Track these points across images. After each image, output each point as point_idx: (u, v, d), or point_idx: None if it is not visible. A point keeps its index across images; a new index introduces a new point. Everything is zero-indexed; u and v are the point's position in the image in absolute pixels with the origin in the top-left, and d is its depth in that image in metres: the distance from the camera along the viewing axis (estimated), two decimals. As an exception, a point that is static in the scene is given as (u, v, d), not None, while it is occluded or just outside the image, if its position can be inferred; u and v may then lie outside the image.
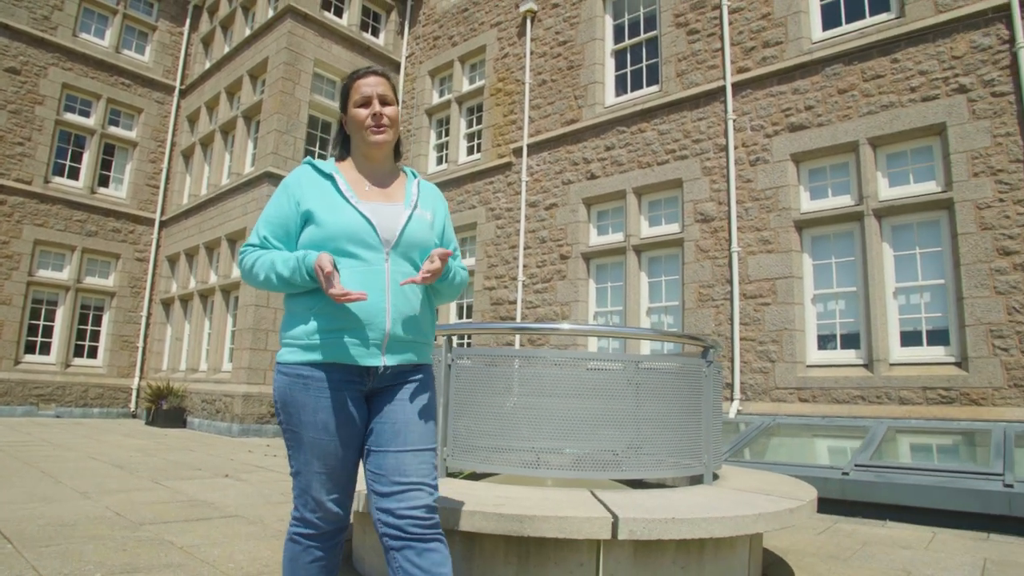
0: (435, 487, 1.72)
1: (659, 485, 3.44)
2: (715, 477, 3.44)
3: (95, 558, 3.22)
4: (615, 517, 2.36)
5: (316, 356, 1.68)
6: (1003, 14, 6.65)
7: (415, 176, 1.97)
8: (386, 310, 1.71)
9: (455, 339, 3.39)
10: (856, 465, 5.12)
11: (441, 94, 12.75)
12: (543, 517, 2.39)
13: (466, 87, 12.16)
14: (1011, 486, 4.42)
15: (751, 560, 2.92)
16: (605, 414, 2.96)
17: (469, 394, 3.15)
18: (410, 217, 1.80)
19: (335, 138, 1.98)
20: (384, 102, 1.83)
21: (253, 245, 1.79)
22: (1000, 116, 6.56)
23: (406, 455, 1.70)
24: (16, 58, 12.70)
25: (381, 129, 1.81)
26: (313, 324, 1.69)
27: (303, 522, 1.74)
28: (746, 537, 2.85)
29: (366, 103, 1.82)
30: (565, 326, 2.93)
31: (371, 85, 1.82)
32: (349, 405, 1.71)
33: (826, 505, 5.12)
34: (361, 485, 3.01)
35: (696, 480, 3.25)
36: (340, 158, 1.92)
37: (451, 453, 3.18)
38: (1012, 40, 6.54)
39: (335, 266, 1.63)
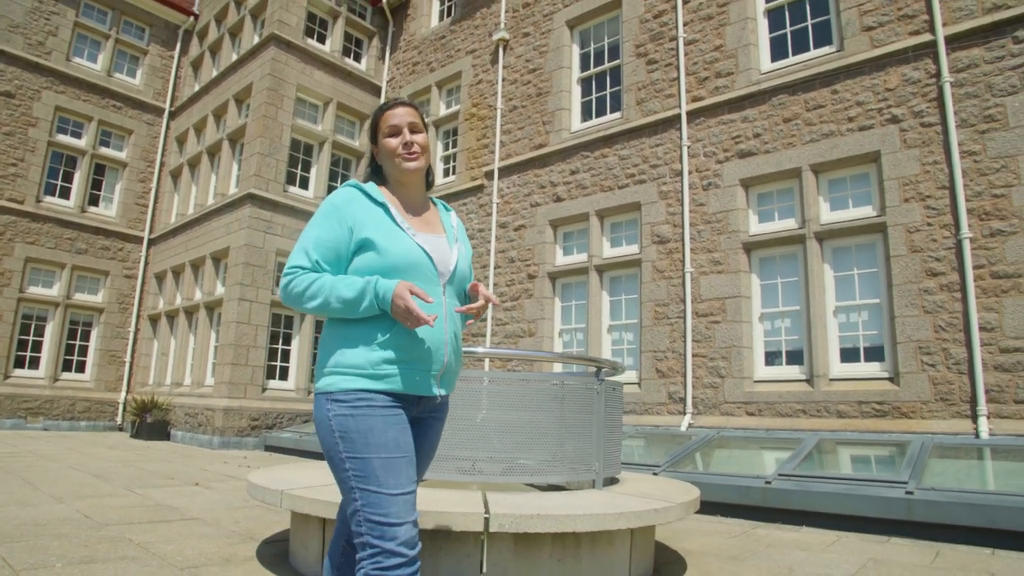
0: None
1: (564, 488, 3.79)
2: (615, 481, 3.79)
3: (59, 551, 3.59)
4: (488, 513, 2.72)
5: (382, 385, 1.67)
6: (930, 50, 7.09)
7: (448, 209, 2.02)
8: (446, 342, 1.74)
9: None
10: (779, 474, 5.47)
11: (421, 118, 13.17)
12: (425, 512, 2.76)
13: (443, 111, 12.61)
14: (912, 493, 4.77)
15: (633, 556, 3.26)
16: (510, 426, 3.33)
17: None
18: (459, 253, 1.86)
19: (366, 170, 1.97)
20: (414, 130, 1.85)
21: (303, 267, 1.73)
22: (928, 145, 6.97)
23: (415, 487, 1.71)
24: (11, 82, 13.16)
25: (413, 156, 1.83)
26: (379, 354, 1.67)
27: (383, 554, 1.59)
28: (626, 534, 3.20)
29: (396, 132, 1.83)
30: (479, 350, 3.28)
31: (400, 116, 1.84)
32: (408, 425, 1.72)
33: (749, 512, 5.47)
34: (316, 493, 3.39)
35: (608, 483, 3.62)
36: (380, 183, 1.91)
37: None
38: (938, 74, 6.97)
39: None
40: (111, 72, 14.77)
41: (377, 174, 1.92)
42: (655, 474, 5.95)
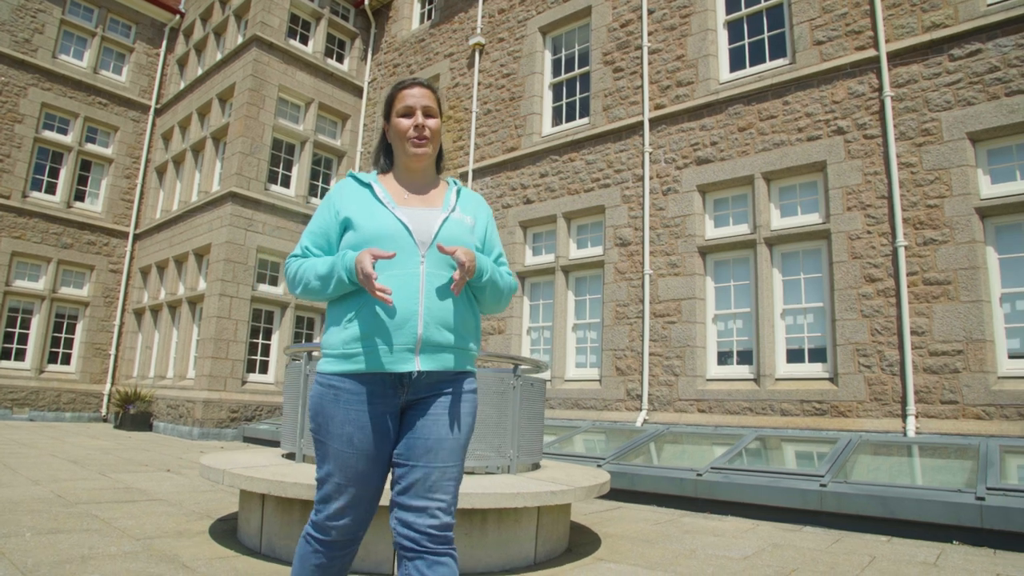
0: (455, 503, 1.71)
1: (474, 473, 4.13)
2: (538, 467, 4.14)
3: (30, 524, 4.00)
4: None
5: (350, 366, 1.68)
6: (874, 65, 7.43)
7: (456, 184, 1.96)
8: (419, 314, 1.67)
9: (313, 353, 4.09)
10: (711, 468, 5.82)
11: (399, 119, 13.48)
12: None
13: (421, 113, 12.89)
14: (825, 486, 5.13)
15: (540, 534, 3.60)
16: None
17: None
18: (446, 219, 1.78)
19: (377, 148, 1.96)
20: (427, 114, 1.82)
21: (296, 256, 1.82)
22: (870, 156, 7.31)
23: (434, 472, 1.67)
24: (-3, 79, 13.41)
25: (423, 141, 1.80)
26: (348, 332, 1.69)
27: (317, 527, 1.71)
28: (532, 513, 3.54)
29: (409, 113, 1.80)
30: None
31: (415, 96, 1.81)
32: (378, 420, 1.68)
33: (682, 502, 5.82)
34: (255, 472, 3.73)
35: (532, 469, 3.96)
36: (382, 170, 1.92)
37: (307, 443, 3.88)
38: (881, 88, 7.31)
39: (373, 266, 1.62)
40: (97, 69, 15.02)
41: (387, 153, 1.92)
42: (599, 466, 6.31)
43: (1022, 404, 6.07)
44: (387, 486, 1.74)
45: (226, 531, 4.18)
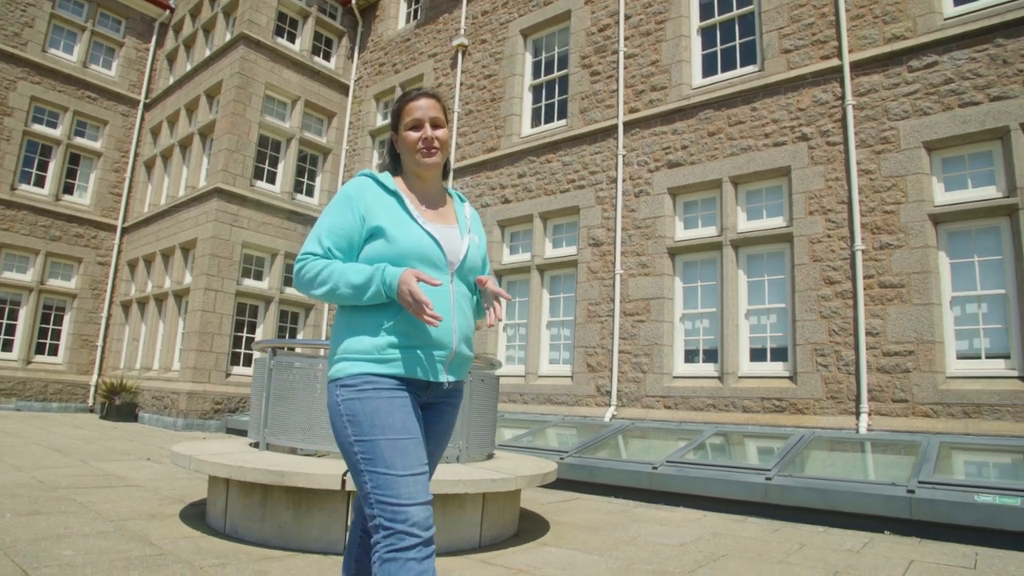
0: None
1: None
2: (491, 458, 4.38)
3: (10, 507, 4.24)
4: (344, 477, 3.30)
5: (388, 369, 1.68)
6: (838, 74, 7.67)
7: (462, 200, 2.03)
8: (453, 330, 1.75)
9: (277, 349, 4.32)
10: (667, 461, 6.08)
11: (384, 117, 13.71)
12: (294, 473, 3.34)
13: (406, 112, 13.09)
14: (770, 479, 5.39)
15: (485, 519, 3.85)
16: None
17: (284, 390, 4.09)
18: (470, 242, 1.86)
19: (386, 156, 1.99)
20: (435, 125, 1.85)
21: (315, 254, 1.76)
22: (832, 162, 7.57)
23: (427, 475, 1.69)
24: (-14, 72, 13.54)
25: (432, 153, 1.84)
26: (384, 339, 1.69)
27: (396, 535, 1.57)
28: (477, 499, 3.78)
29: (417, 126, 1.84)
30: (319, 341, 3.86)
31: (423, 109, 1.84)
32: (416, 408, 1.72)
33: (638, 494, 6.08)
34: (220, 458, 3.98)
35: (487, 458, 4.21)
36: (395, 173, 1.94)
37: (271, 433, 4.12)
38: (843, 97, 7.56)
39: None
40: (87, 63, 15.15)
41: (396, 162, 1.94)
42: (561, 459, 6.56)
43: (967, 403, 6.35)
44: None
45: (196, 514, 4.42)
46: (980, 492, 4.57)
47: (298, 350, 5.38)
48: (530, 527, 4.51)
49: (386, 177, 1.85)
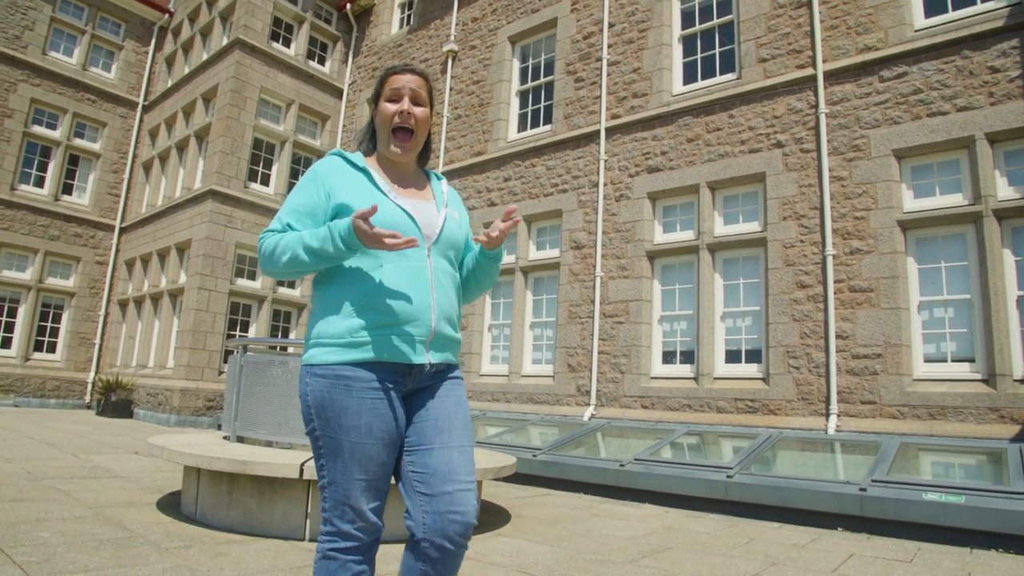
0: (476, 486, 1.65)
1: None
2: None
3: None
4: (302, 466, 3.49)
5: (361, 355, 1.59)
6: (812, 83, 7.85)
7: (439, 178, 1.95)
8: (431, 306, 1.66)
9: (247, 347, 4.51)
10: (635, 459, 6.25)
11: (378, 120, 13.90)
12: (256, 463, 3.54)
13: (398, 116, 13.31)
14: (731, 477, 5.56)
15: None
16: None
17: (253, 385, 4.28)
18: (446, 216, 1.78)
19: (363, 131, 1.89)
20: (416, 101, 1.76)
21: (273, 230, 1.69)
22: (806, 169, 7.74)
23: (452, 452, 1.63)
24: (-13, 75, 13.80)
25: (406, 135, 1.76)
26: (356, 321, 1.60)
27: (340, 535, 1.57)
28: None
29: (396, 98, 1.75)
30: (292, 340, 4.06)
31: (404, 81, 1.75)
32: (392, 406, 1.62)
33: (606, 490, 6.25)
34: (191, 448, 4.19)
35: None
36: (367, 152, 1.85)
37: (241, 425, 4.31)
38: (817, 105, 7.73)
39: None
40: (87, 66, 15.40)
41: (373, 139, 1.85)
42: (534, 456, 6.74)
43: (932, 405, 6.51)
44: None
45: (172, 503, 4.62)
46: (928, 490, 4.74)
47: (284, 348, 5.58)
48: (492, 520, 4.68)
49: (356, 156, 1.77)
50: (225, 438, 4.67)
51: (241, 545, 3.57)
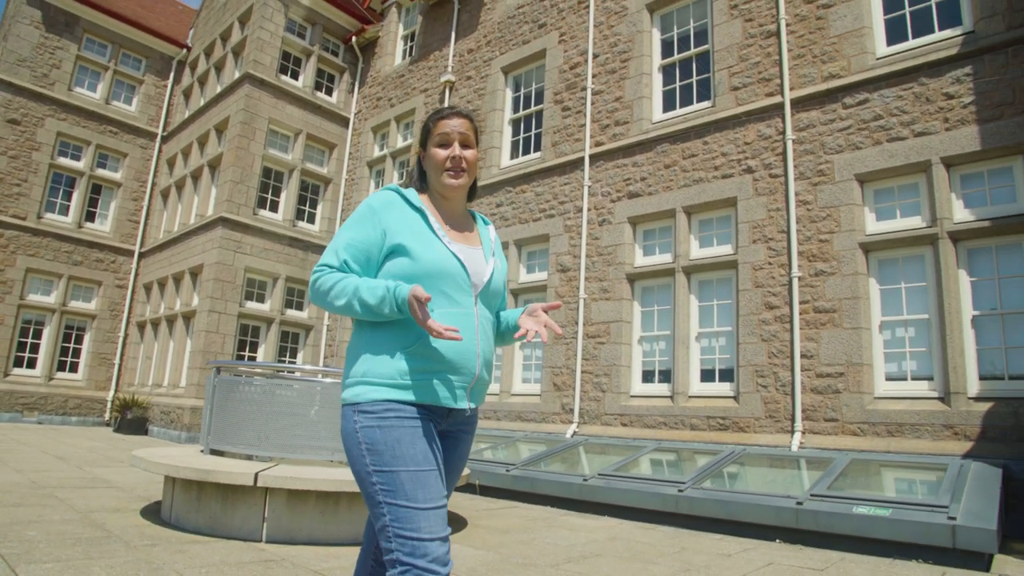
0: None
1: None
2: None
3: None
4: (256, 474, 3.90)
5: (409, 396, 1.61)
6: (780, 111, 8.16)
7: (487, 223, 1.98)
8: (477, 354, 1.69)
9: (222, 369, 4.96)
10: (599, 474, 6.55)
11: (380, 148, 14.49)
12: (218, 471, 3.96)
13: (399, 143, 13.88)
14: (682, 491, 5.83)
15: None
16: (288, 418, 4.50)
17: (225, 401, 4.72)
18: (494, 266, 1.81)
19: (412, 172, 1.93)
20: (465, 144, 1.81)
21: (331, 266, 1.70)
22: (774, 194, 8.03)
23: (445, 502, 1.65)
24: (18, 111, 14.69)
25: (460, 173, 1.80)
26: (406, 364, 1.62)
27: (417, 570, 1.50)
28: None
29: (446, 144, 1.80)
30: (268, 364, 4.47)
31: (453, 126, 1.80)
32: (436, 437, 1.66)
33: (570, 504, 6.55)
34: (168, 460, 4.66)
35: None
36: (420, 190, 1.88)
37: (214, 438, 4.76)
38: (784, 132, 8.04)
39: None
40: (109, 100, 16.28)
41: (423, 179, 1.89)
42: (507, 471, 7.06)
43: (891, 422, 6.71)
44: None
45: (154, 510, 5.06)
46: (859, 504, 4.97)
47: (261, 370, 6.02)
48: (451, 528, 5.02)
49: (412, 193, 1.80)
50: (201, 451, 5.10)
51: (202, 545, 3.97)
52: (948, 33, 7.27)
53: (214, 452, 4.91)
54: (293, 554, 3.89)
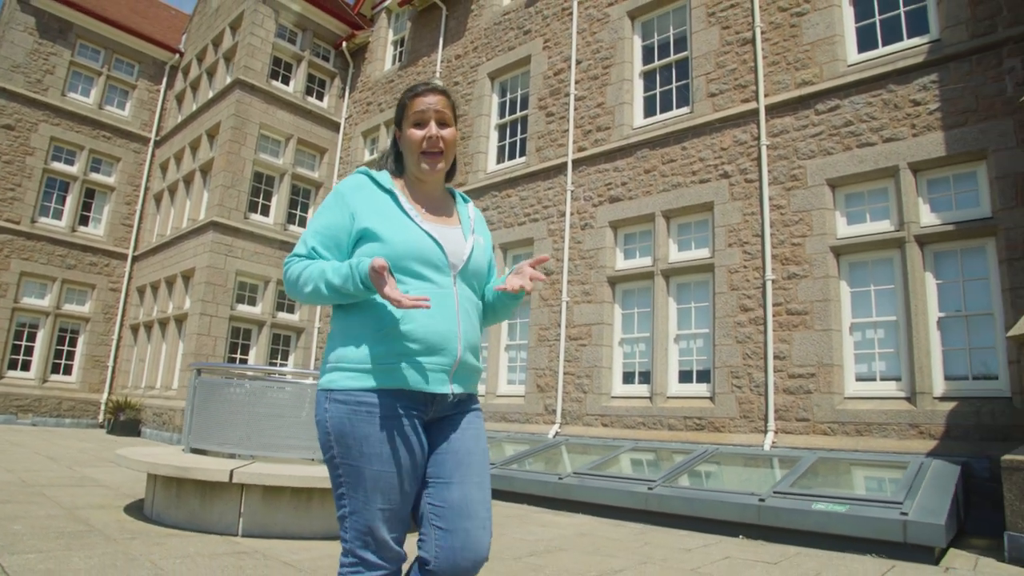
0: (491, 522, 1.63)
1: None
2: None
3: None
4: (231, 471, 4.07)
5: (383, 382, 1.55)
6: (755, 117, 8.34)
7: (466, 200, 1.92)
8: (458, 335, 1.62)
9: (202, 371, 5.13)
10: (574, 473, 6.72)
11: (371, 152, 14.66)
12: (195, 468, 4.14)
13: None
14: (652, 489, 6.00)
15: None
16: (268, 419, 4.67)
17: (205, 402, 4.89)
18: (474, 243, 1.75)
19: (388, 152, 1.84)
20: (442, 123, 1.72)
21: (299, 255, 1.66)
22: (749, 198, 8.21)
23: (471, 488, 1.61)
24: (11, 116, 14.86)
25: (436, 154, 1.71)
26: (380, 348, 1.56)
27: (364, 565, 1.54)
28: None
29: (422, 123, 1.70)
30: (254, 367, 4.64)
31: (429, 103, 1.70)
32: (414, 434, 1.58)
33: (547, 502, 6.72)
34: (148, 457, 4.83)
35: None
36: (395, 173, 1.79)
37: (194, 438, 4.93)
38: (759, 137, 8.22)
39: (391, 272, 1.52)
40: (102, 105, 16.44)
41: (399, 161, 1.81)
42: (486, 470, 7.22)
43: (859, 422, 6.89)
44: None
45: (138, 507, 5.23)
46: (818, 500, 5.15)
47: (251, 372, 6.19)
48: (418, 525, 5.19)
49: (383, 175, 1.73)
50: (183, 450, 5.27)
51: (180, 538, 4.14)
52: (916, 41, 7.45)
53: (195, 451, 5.07)
54: (266, 547, 4.06)
